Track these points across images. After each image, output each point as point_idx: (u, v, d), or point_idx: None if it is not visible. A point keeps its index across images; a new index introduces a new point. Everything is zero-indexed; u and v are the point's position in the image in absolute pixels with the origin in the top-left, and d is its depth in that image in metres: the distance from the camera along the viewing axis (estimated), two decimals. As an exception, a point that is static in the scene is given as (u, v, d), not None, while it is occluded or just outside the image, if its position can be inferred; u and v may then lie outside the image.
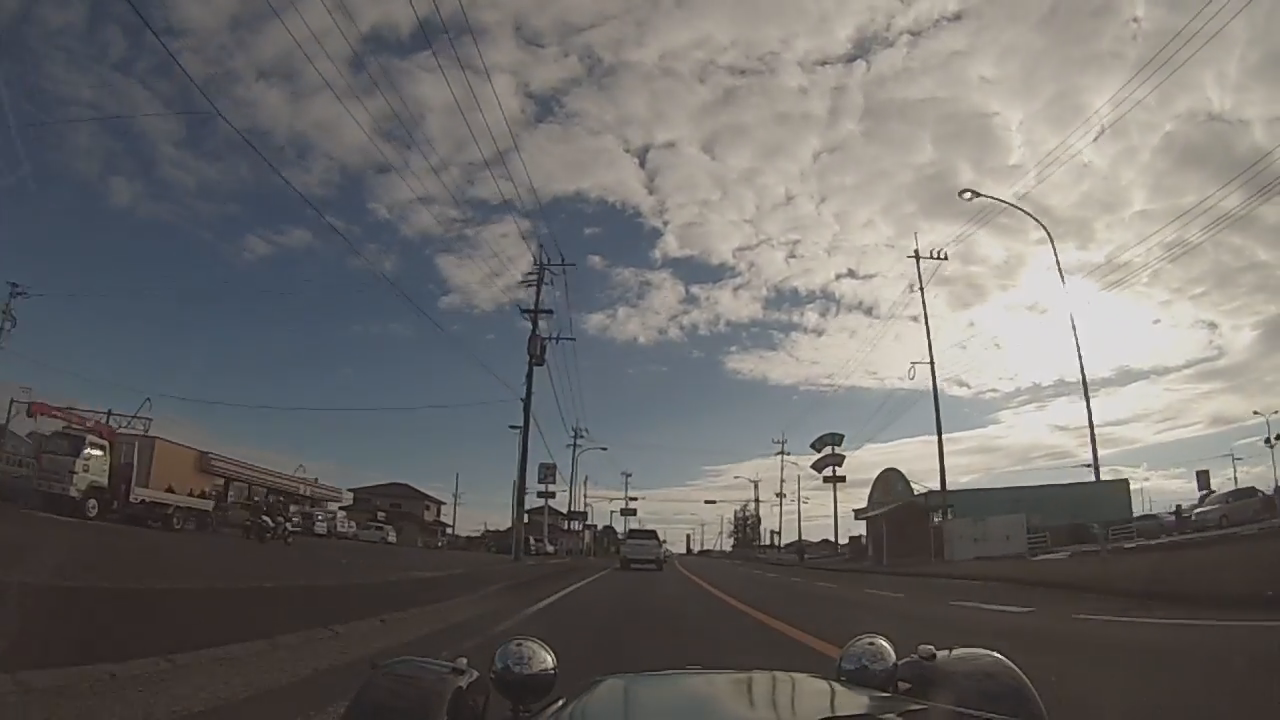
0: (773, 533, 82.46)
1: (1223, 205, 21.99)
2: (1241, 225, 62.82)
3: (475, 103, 54.82)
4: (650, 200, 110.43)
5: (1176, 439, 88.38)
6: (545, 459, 52.39)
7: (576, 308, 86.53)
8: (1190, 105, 67.89)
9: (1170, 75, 22.06)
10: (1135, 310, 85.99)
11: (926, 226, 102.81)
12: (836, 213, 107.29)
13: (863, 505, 59.13)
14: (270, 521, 23.75)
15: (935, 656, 1.21)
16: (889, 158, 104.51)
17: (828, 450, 60.35)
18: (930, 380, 31.87)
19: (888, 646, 1.31)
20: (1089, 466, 24.26)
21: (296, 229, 76.88)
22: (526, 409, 26.02)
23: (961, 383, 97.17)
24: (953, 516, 30.74)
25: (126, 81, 63.03)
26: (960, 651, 1.22)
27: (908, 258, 33.98)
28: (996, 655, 1.21)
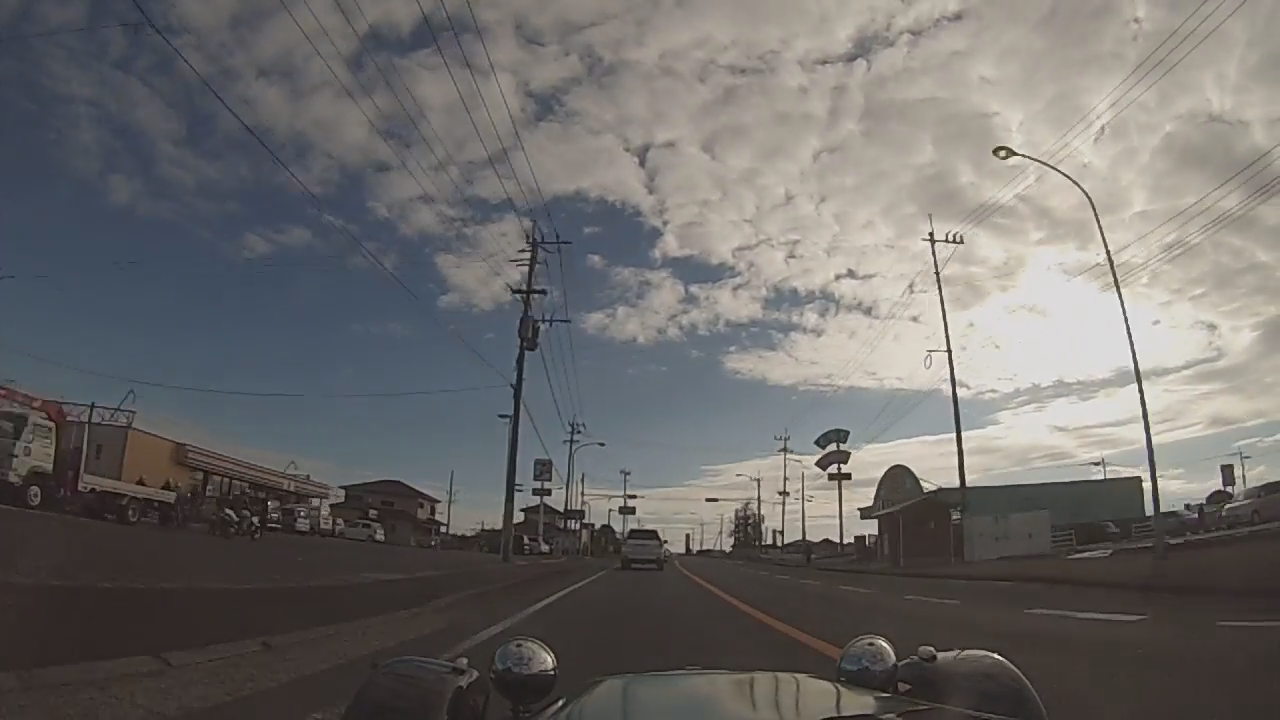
0: (776, 532, 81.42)
1: (1221, 206, 20.98)
2: (1241, 226, 62.04)
3: (475, 101, 52.57)
4: (650, 200, 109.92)
5: (1175, 440, 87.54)
6: (540, 455, 50.69)
7: (575, 307, 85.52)
8: (1190, 106, 68.55)
9: (1166, 74, 21.37)
10: (1135, 311, 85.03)
11: (925, 227, 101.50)
12: (836, 213, 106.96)
13: (865, 506, 57.66)
14: (234, 516, 21.69)
15: (935, 658, 1.19)
16: (889, 158, 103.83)
17: (832, 447, 58.42)
18: (946, 372, 30.32)
19: (888, 647, 1.27)
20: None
21: (295, 227, 75.89)
22: (517, 395, 23.96)
23: (961, 383, 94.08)
24: (968, 515, 29.44)
25: (126, 79, 62.02)
26: (961, 653, 1.19)
27: (922, 240, 32.52)
28: (996, 656, 1.17)
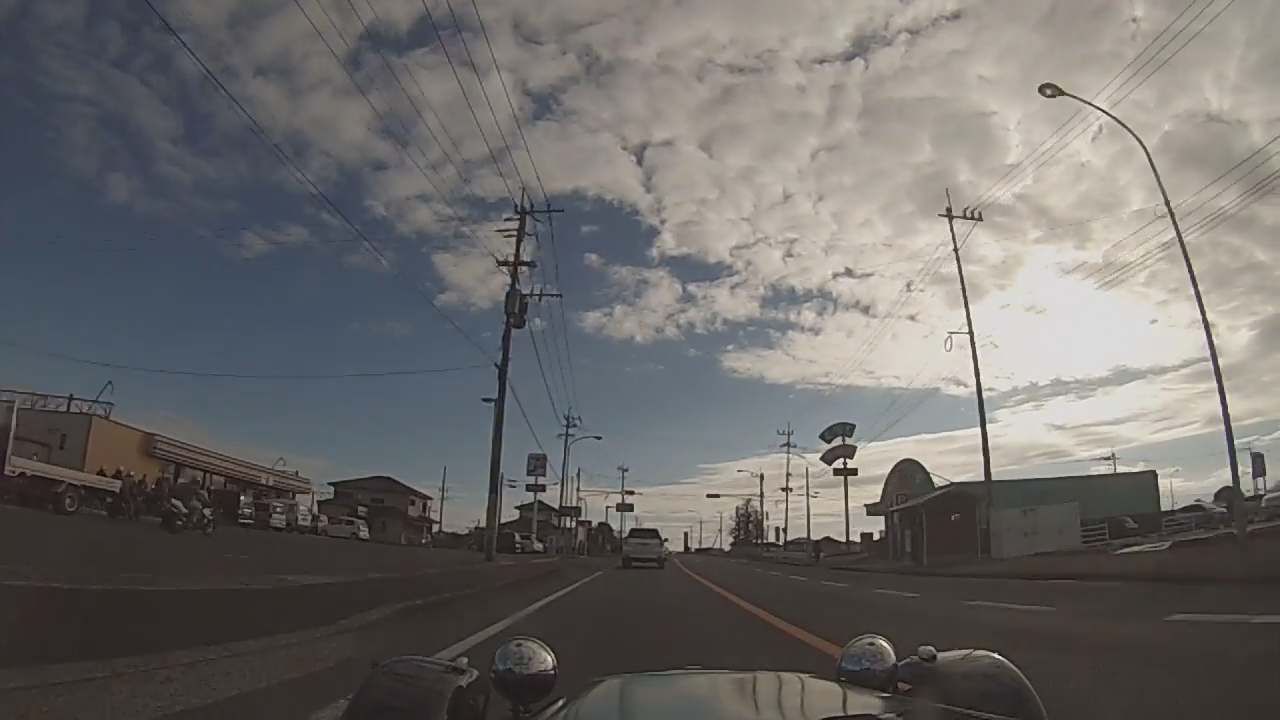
0: (779, 530, 79.55)
1: (1216, 204, 20.21)
2: (1239, 226, 60.33)
3: (473, 100, 50.24)
4: (648, 198, 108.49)
5: (1173, 438, 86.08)
6: (534, 449, 48.39)
7: (573, 306, 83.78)
8: (1189, 106, 68.27)
9: (1159, 70, 20.67)
10: (1132, 310, 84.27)
11: (924, 226, 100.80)
12: (834, 212, 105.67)
13: (870, 502, 55.45)
14: (181, 508, 19.26)
15: (936, 657, 1.18)
16: (887, 157, 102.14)
17: (838, 441, 56.08)
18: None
19: (888, 647, 1.26)
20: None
21: (293, 225, 74.21)
22: (502, 375, 21.62)
23: (959, 382, 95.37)
24: (995, 509, 27.33)
25: (124, 77, 60.23)
26: (961, 652, 1.18)
27: (939, 216, 30.00)
28: (996, 656, 1.16)
